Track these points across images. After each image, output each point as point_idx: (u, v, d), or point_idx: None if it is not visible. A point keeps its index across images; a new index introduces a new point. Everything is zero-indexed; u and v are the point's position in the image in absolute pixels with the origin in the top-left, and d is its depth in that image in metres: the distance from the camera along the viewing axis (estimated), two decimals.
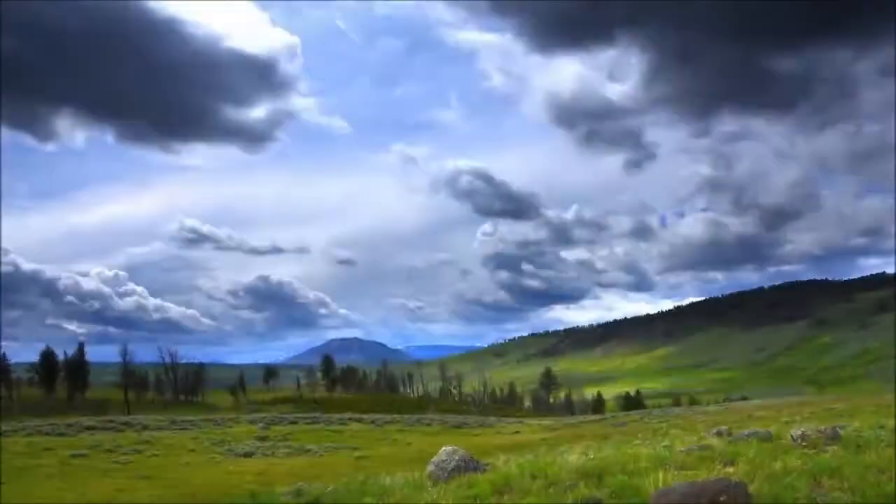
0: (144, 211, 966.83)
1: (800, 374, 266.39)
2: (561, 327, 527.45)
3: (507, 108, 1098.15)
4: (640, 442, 14.22)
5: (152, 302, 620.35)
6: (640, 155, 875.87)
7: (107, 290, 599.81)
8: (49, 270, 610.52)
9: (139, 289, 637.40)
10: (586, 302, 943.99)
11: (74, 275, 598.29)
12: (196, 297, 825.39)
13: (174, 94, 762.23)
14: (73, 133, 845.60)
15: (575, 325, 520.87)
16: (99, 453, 22.61)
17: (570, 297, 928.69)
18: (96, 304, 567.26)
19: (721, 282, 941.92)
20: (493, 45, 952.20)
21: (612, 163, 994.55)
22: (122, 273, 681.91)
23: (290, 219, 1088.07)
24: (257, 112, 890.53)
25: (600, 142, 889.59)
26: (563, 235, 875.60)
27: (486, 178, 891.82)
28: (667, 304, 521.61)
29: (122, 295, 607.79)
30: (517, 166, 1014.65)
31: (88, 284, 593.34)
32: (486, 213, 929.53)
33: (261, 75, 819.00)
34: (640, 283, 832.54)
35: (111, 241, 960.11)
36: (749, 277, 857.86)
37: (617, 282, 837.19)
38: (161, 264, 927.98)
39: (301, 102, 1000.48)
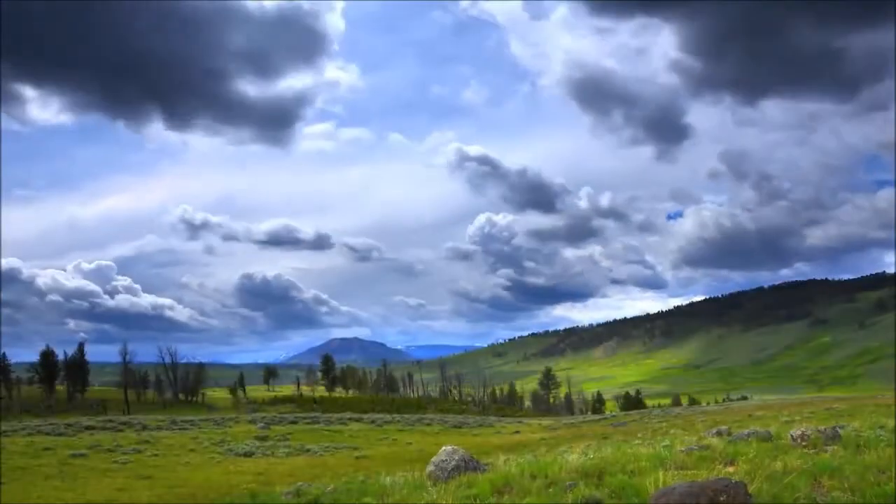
0: (142, 202, 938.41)
1: (800, 374, 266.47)
2: (569, 325, 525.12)
3: (535, 90, 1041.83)
4: (640, 442, 14.22)
5: (149, 299, 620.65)
6: (676, 141, 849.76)
7: (99, 286, 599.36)
8: (41, 266, 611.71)
9: (125, 281, 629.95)
10: (599, 299, 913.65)
11: (65, 270, 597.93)
12: (193, 296, 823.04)
13: (179, 63, 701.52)
14: (62, 112, 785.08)
15: (575, 325, 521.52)
16: (99, 453, 22.59)
17: (582, 294, 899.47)
18: (89, 301, 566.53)
19: (739, 280, 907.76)
20: (524, 19, 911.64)
21: (644, 151, 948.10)
22: (110, 265, 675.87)
23: (295, 211, 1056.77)
24: (283, 84, 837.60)
25: (633, 127, 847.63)
26: (581, 229, 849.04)
27: (509, 169, 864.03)
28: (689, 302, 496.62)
29: (117, 292, 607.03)
30: (544, 155, 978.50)
31: (81, 280, 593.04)
32: (506, 204, 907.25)
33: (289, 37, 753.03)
34: (658, 280, 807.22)
35: (105, 234, 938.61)
36: (773, 275, 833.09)
37: (635, 278, 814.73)
38: (156, 259, 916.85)
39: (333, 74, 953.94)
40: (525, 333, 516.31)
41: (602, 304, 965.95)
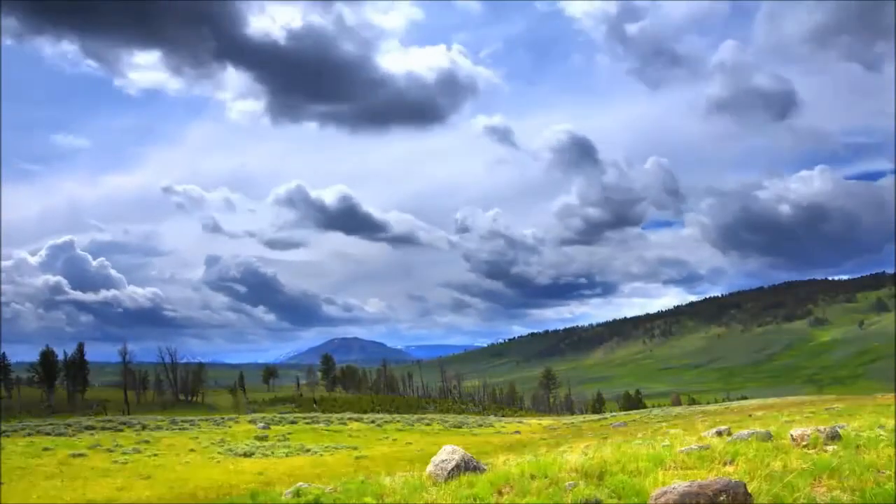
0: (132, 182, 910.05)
1: (800, 374, 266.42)
2: (582, 324, 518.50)
3: (594, 55, 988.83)
4: (640, 442, 14.21)
5: (144, 293, 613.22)
6: (773, 112, 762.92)
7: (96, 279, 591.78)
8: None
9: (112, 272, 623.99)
10: (631, 294, 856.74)
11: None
12: (186, 293, 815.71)
13: None
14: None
15: (575, 325, 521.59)
16: (99, 453, 22.59)
17: (617, 286, 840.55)
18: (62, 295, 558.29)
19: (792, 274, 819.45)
20: None
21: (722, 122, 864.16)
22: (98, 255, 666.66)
23: (308, 188, 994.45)
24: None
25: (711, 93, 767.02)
26: (628, 212, 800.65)
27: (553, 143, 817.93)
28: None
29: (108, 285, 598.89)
30: (607, 126, 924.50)
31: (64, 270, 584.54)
32: (540, 187, 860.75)
33: None
34: (702, 272, 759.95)
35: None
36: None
37: (678, 269, 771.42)
38: (142, 250, 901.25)
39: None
40: (524, 333, 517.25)
41: (633, 301, 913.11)
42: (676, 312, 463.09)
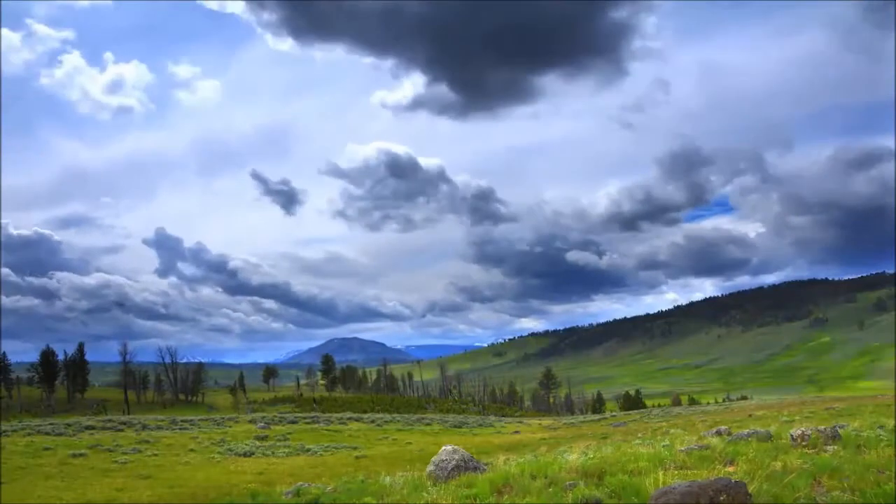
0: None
1: (800, 374, 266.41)
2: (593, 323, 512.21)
3: None
4: (640, 442, 14.21)
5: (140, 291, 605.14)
6: None
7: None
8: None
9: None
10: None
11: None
12: (180, 290, 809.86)
13: None
14: None
15: (575, 325, 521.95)
16: (99, 453, 22.59)
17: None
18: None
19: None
20: None
21: None
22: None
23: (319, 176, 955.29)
24: None
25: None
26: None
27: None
28: None
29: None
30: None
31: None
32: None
33: None
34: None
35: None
36: None
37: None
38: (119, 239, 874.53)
39: None
40: (524, 333, 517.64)
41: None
42: (676, 312, 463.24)
